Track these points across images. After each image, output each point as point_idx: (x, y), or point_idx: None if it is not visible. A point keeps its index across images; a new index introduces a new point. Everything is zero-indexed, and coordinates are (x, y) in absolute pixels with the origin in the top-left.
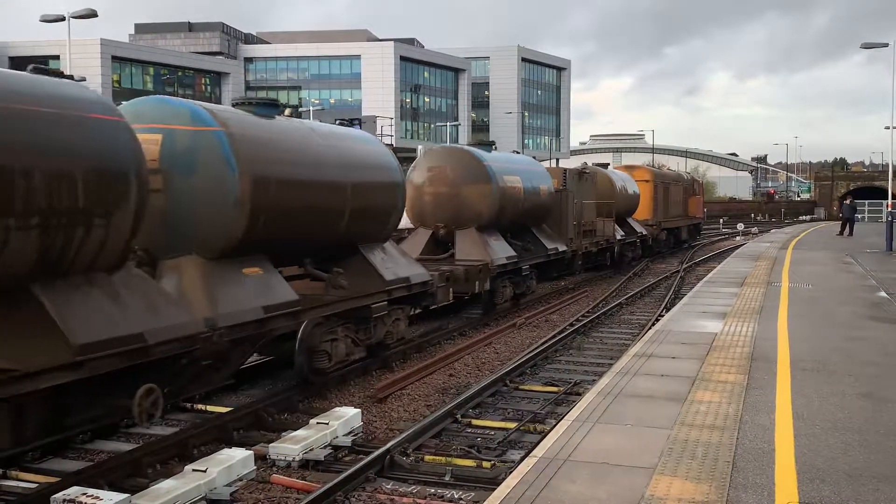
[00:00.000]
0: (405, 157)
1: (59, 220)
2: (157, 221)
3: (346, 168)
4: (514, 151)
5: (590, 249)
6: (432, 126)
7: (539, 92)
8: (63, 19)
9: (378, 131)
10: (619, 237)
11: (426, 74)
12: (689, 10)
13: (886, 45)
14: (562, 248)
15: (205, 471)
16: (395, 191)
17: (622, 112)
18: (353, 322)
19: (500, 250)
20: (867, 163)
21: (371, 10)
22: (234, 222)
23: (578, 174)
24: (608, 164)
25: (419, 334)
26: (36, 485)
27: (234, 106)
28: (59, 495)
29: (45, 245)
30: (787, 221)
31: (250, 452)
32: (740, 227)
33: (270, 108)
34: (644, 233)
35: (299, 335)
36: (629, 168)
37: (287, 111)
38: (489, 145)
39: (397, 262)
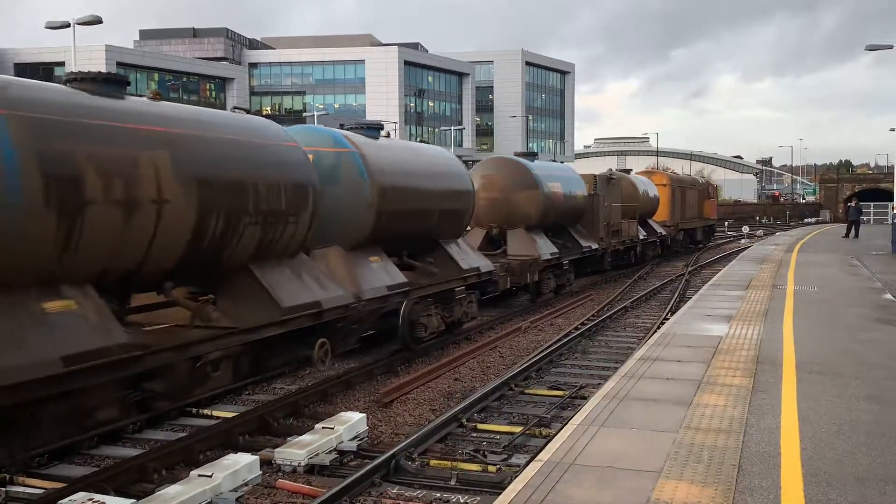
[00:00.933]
0: None
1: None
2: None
3: (434, 177)
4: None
5: (617, 248)
6: (436, 130)
7: (543, 95)
8: (68, 26)
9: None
10: (641, 237)
11: (430, 79)
12: (697, 11)
13: (892, 46)
14: (594, 245)
15: (210, 476)
16: (469, 196)
17: (628, 115)
18: (440, 302)
19: (545, 247)
20: (873, 165)
21: (378, 14)
22: (366, 221)
23: (607, 180)
24: (630, 169)
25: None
26: (42, 490)
27: (348, 129)
28: (66, 501)
29: (262, 236)
30: (792, 224)
31: (256, 457)
32: (745, 229)
33: (375, 130)
34: (663, 233)
35: (402, 311)
36: (648, 173)
37: (384, 131)
38: (533, 155)
39: (469, 255)
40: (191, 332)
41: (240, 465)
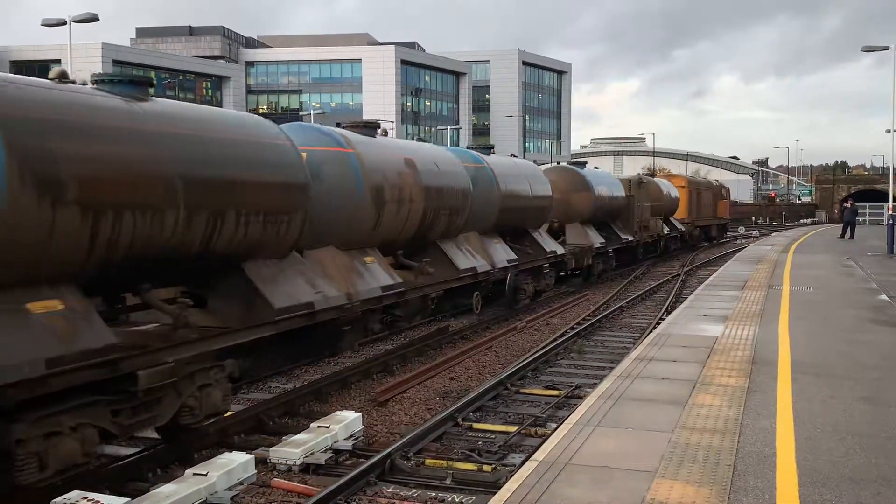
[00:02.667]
0: None
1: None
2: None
3: (530, 182)
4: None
5: (647, 240)
6: (433, 129)
7: (540, 95)
8: (64, 23)
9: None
10: (665, 232)
11: (427, 78)
12: (700, 11)
13: (887, 48)
14: (630, 238)
15: (205, 475)
16: (549, 197)
17: (628, 115)
18: (531, 275)
19: (596, 238)
20: (868, 166)
21: (379, 12)
22: (495, 214)
23: (638, 183)
24: (654, 173)
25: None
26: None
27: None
28: (60, 499)
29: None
30: (788, 225)
31: (251, 456)
32: (741, 230)
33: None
34: (682, 229)
35: (508, 280)
36: (669, 176)
37: (380, 131)
38: (583, 164)
39: (547, 241)
40: (421, 279)
41: (235, 463)
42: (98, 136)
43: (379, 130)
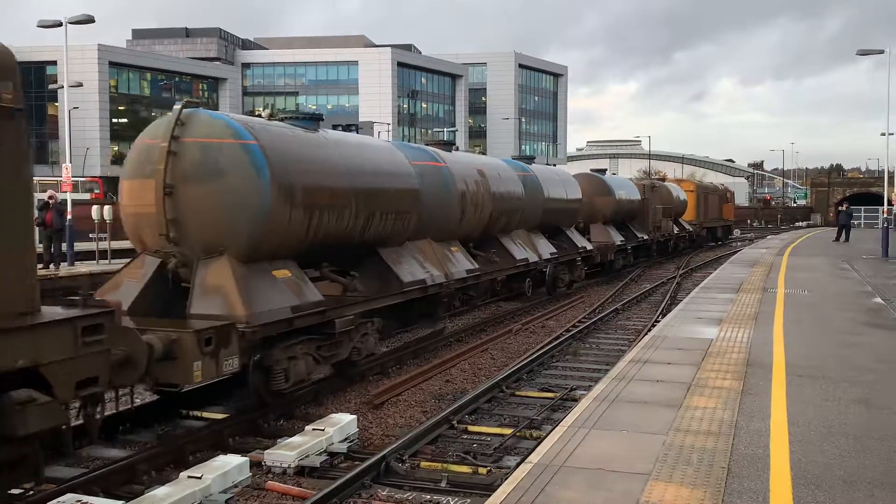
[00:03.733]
0: None
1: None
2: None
3: (572, 188)
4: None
5: (659, 239)
6: (429, 132)
7: (536, 98)
8: (60, 25)
9: (375, 137)
10: (675, 232)
11: (423, 80)
12: (703, 13)
13: (882, 51)
14: (645, 237)
15: (200, 477)
16: (580, 200)
17: (627, 118)
18: (567, 266)
19: (617, 237)
20: (864, 169)
21: (381, 14)
22: (539, 216)
23: (651, 187)
24: (665, 177)
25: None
26: (31, 492)
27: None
28: (55, 502)
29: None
30: (783, 227)
31: (246, 459)
32: (737, 232)
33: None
34: (691, 230)
35: (548, 270)
36: (679, 181)
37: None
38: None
39: (579, 238)
40: (488, 266)
41: (230, 466)
42: (310, 160)
43: (453, 147)
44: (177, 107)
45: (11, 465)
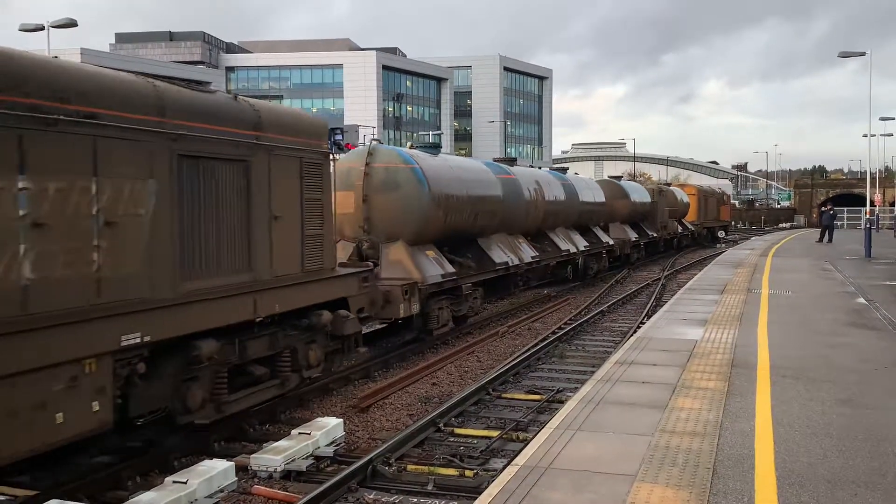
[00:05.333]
0: None
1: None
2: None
3: (595, 193)
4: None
5: (666, 237)
6: (415, 135)
7: (521, 101)
8: (43, 29)
9: (360, 140)
10: (679, 231)
11: (408, 83)
12: (691, 15)
13: (864, 53)
14: (654, 235)
15: (185, 482)
16: (604, 203)
17: (614, 120)
18: (594, 258)
19: (631, 234)
20: (846, 170)
21: (369, 18)
22: (574, 215)
23: (659, 191)
24: (670, 182)
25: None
26: (14, 498)
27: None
28: None
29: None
30: (767, 229)
31: (231, 463)
32: (721, 234)
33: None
34: (692, 229)
35: (579, 260)
36: (682, 185)
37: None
38: (619, 177)
39: (603, 235)
40: (546, 253)
41: (215, 471)
42: (448, 177)
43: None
44: (368, 143)
45: (335, 352)
